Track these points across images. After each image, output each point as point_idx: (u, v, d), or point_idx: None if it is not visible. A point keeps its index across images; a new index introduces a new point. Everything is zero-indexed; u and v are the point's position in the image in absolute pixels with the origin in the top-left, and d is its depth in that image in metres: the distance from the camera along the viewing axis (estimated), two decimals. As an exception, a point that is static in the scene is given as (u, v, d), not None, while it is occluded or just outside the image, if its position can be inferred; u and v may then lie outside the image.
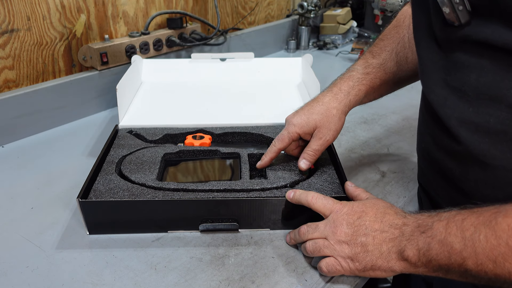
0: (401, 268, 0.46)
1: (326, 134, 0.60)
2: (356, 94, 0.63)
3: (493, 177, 0.44)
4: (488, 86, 0.41)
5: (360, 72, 0.64)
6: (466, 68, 0.42)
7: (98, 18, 0.97)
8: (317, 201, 0.54)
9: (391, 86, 0.67)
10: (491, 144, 0.42)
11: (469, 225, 0.39)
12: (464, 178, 0.48)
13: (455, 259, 0.40)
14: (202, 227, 0.59)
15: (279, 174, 0.64)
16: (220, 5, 1.26)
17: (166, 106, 0.90)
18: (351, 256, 0.49)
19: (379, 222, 0.48)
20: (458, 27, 0.41)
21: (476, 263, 0.38)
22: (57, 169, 0.76)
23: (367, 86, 0.64)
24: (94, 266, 0.54)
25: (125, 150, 0.71)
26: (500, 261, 0.36)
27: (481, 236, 0.38)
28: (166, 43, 1.09)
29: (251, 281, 0.52)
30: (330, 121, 0.61)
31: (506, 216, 0.37)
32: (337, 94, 0.63)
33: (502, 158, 0.42)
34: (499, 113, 0.40)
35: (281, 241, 0.58)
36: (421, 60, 0.50)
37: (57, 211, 0.65)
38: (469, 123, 0.43)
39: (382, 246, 0.47)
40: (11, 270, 0.54)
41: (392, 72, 0.64)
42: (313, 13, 1.41)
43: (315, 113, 0.61)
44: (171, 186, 0.60)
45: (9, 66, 0.86)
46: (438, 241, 0.41)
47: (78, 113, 0.96)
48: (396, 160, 0.79)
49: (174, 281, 0.52)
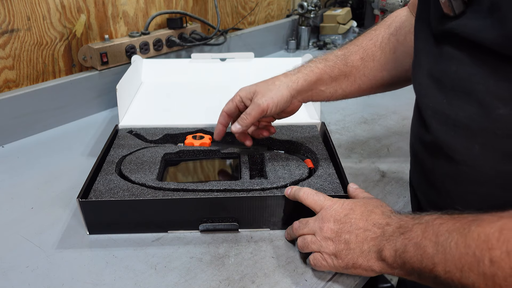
0: (379, 268, 0.46)
1: (259, 99, 0.60)
2: (306, 74, 0.61)
3: (456, 172, 0.44)
4: (463, 79, 0.40)
5: (319, 58, 0.64)
6: (450, 60, 0.42)
7: (98, 18, 0.97)
8: (308, 197, 0.54)
9: (355, 83, 0.63)
10: (456, 138, 0.42)
11: (444, 230, 0.39)
12: (433, 171, 0.48)
13: (426, 264, 0.39)
14: (202, 227, 0.59)
15: (279, 174, 0.64)
16: (220, 5, 1.26)
17: (166, 106, 0.90)
18: (335, 252, 0.49)
19: (364, 220, 0.48)
20: (452, 19, 0.40)
21: (445, 270, 0.37)
22: (57, 169, 0.76)
23: (321, 70, 0.62)
24: (94, 266, 0.54)
25: (125, 150, 0.71)
26: (466, 271, 0.36)
27: (452, 243, 0.37)
28: (166, 43, 1.09)
29: (251, 281, 0.52)
30: (269, 89, 0.60)
31: (479, 226, 0.36)
32: (289, 71, 0.63)
33: (463, 153, 0.42)
34: (468, 107, 0.40)
35: (281, 241, 0.58)
36: (416, 51, 0.49)
37: (57, 211, 0.65)
38: (441, 114, 0.43)
39: (364, 245, 0.47)
40: (11, 270, 0.54)
41: (354, 66, 0.62)
42: (313, 13, 1.41)
43: (260, 82, 0.63)
44: (171, 186, 0.60)
45: (9, 66, 0.86)
46: (414, 243, 0.41)
47: (78, 113, 0.96)
48: (396, 160, 0.79)
49: (174, 281, 0.52)
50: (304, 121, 0.81)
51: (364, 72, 0.62)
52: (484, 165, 0.41)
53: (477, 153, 0.41)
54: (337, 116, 0.97)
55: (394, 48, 0.61)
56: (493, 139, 0.39)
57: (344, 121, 0.95)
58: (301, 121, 0.80)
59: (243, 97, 0.63)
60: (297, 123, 0.80)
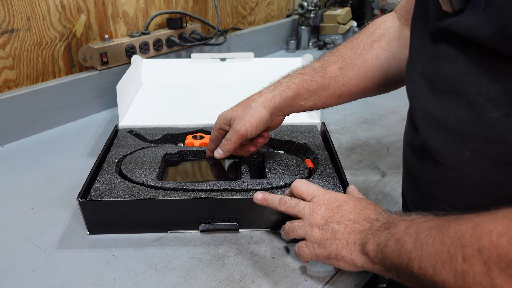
0: (361, 262, 0.45)
1: (237, 124, 0.60)
2: (282, 91, 0.61)
3: (444, 177, 0.43)
4: (456, 79, 0.39)
5: (296, 72, 0.63)
6: (445, 58, 0.40)
7: (98, 18, 0.97)
8: (301, 185, 0.53)
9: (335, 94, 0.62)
10: (445, 142, 0.41)
11: (425, 227, 0.38)
12: (420, 176, 0.47)
13: (403, 259, 0.39)
14: (202, 227, 0.59)
15: (279, 174, 0.64)
16: (220, 5, 1.26)
17: (166, 106, 0.90)
18: (319, 240, 0.48)
19: (356, 213, 0.48)
20: (449, 16, 0.38)
21: (419, 266, 0.37)
22: (57, 169, 0.76)
23: (298, 85, 0.61)
24: (94, 266, 0.54)
25: (125, 150, 0.71)
26: (438, 268, 0.35)
27: (429, 240, 0.37)
28: (166, 43, 1.09)
29: (251, 281, 0.52)
30: (246, 112, 0.60)
31: (458, 224, 0.36)
32: (265, 88, 0.63)
33: (452, 158, 0.41)
34: (459, 109, 0.39)
35: (281, 241, 0.58)
36: (412, 49, 0.48)
37: (57, 211, 0.65)
38: (431, 116, 0.42)
39: (351, 236, 0.47)
40: (11, 270, 0.54)
41: (332, 77, 0.61)
42: (313, 13, 1.41)
43: (236, 105, 0.63)
44: (171, 186, 0.60)
45: (9, 66, 0.86)
46: (395, 238, 0.41)
47: (78, 113, 0.96)
48: (396, 160, 0.79)
49: (174, 281, 0.52)
50: (304, 121, 0.81)
51: (343, 82, 0.61)
52: (473, 171, 0.40)
53: (467, 159, 0.39)
54: (337, 116, 0.97)
55: (376, 55, 0.60)
56: (484, 144, 0.38)
57: (344, 121, 0.95)
58: (301, 121, 0.81)
59: (221, 124, 0.64)
60: (297, 123, 0.80)
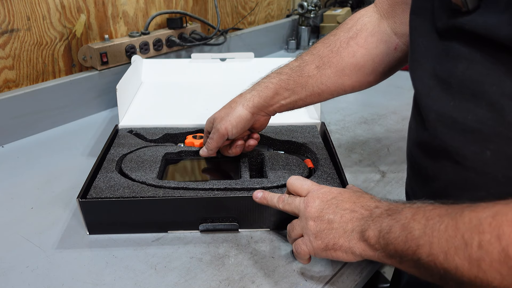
0: (360, 250, 0.45)
1: (218, 124, 0.63)
2: (260, 91, 0.62)
3: (463, 178, 0.42)
4: (473, 80, 0.38)
5: (274, 72, 0.64)
6: (456, 58, 0.40)
7: (98, 18, 0.97)
8: (296, 181, 0.53)
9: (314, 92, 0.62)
10: (464, 143, 0.41)
11: (435, 214, 0.38)
12: (436, 177, 0.46)
13: (410, 245, 0.38)
14: (202, 227, 0.59)
15: (279, 174, 0.64)
16: (220, 5, 1.26)
17: (166, 106, 0.90)
18: (315, 233, 0.48)
19: (352, 202, 0.48)
20: (462, 14, 0.37)
21: (429, 253, 0.36)
22: (57, 169, 0.76)
23: (276, 85, 0.62)
24: (94, 266, 0.54)
25: (125, 149, 0.71)
26: (451, 254, 0.35)
27: (441, 226, 0.36)
28: (166, 43, 1.09)
29: (251, 281, 0.52)
30: (226, 113, 0.63)
31: (473, 211, 0.35)
32: (245, 90, 0.64)
33: (473, 159, 0.40)
34: (478, 110, 0.38)
35: (281, 241, 0.58)
36: (415, 46, 0.47)
37: (57, 211, 0.65)
38: (447, 117, 0.42)
39: (348, 225, 0.46)
40: (11, 270, 0.54)
41: (310, 76, 0.61)
42: (313, 13, 1.41)
43: (220, 109, 0.65)
44: (171, 185, 0.60)
45: (9, 66, 0.86)
46: (401, 225, 0.40)
47: (78, 113, 0.96)
48: (396, 160, 0.79)
49: (174, 281, 0.52)
50: (304, 121, 0.81)
51: (321, 80, 0.61)
52: (495, 172, 0.39)
53: (488, 160, 0.39)
54: (337, 116, 0.97)
55: (353, 53, 0.60)
56: (507, 144, 0.37)
57: (344, 121, 0.95)
58: (301, 121, 0.80)
59: (207, 128, 0.67)
60: (297, 123, 0.80)
